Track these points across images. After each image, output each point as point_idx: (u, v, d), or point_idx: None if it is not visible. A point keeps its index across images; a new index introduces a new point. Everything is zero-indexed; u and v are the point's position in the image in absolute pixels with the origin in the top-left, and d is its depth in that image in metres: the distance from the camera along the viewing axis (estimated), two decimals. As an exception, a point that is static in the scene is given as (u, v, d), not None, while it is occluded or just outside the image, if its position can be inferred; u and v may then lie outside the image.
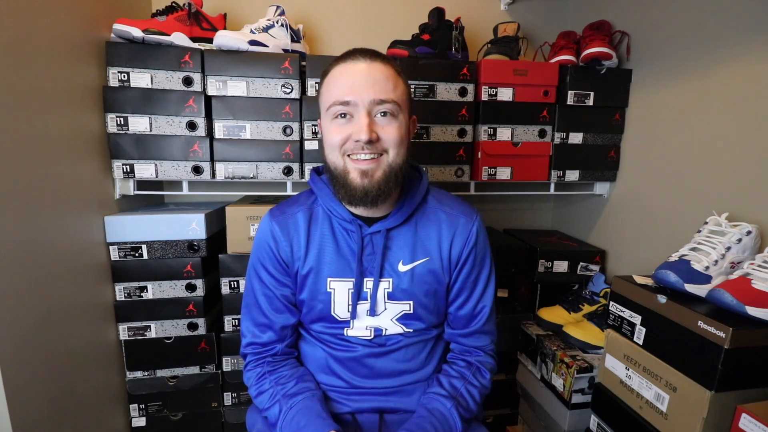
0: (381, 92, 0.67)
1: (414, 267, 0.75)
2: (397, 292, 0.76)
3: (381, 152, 0.68)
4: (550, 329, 1.25)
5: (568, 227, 1.63)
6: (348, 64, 0.68)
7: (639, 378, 0.85)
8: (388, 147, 0.68)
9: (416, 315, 0.77)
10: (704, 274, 0.82)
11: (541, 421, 1.22)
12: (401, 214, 0.75)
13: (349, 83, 0.67)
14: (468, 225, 0.77)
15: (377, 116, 0.68)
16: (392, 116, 0.68)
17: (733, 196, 0.99)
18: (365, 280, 0.75)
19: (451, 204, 0.79)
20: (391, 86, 0.68)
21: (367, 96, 0.66)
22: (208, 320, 1.21)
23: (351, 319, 0.76)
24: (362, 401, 0.78)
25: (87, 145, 1.04)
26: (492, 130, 1.26)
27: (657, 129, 1.20)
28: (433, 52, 1.24)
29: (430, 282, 0.76)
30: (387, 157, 0.69)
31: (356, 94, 0.66)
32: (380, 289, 0.75)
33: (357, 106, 0.67)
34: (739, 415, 0.67)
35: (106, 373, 1.12)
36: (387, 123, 0.68)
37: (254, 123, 1.16)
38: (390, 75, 0.69)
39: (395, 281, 0.75)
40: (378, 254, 0.74)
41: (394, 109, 0.68)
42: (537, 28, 1.55)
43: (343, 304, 0.76)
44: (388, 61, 0.70)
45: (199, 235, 1.15)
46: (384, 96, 0.67)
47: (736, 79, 0.98)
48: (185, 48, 1.10)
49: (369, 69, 0.67)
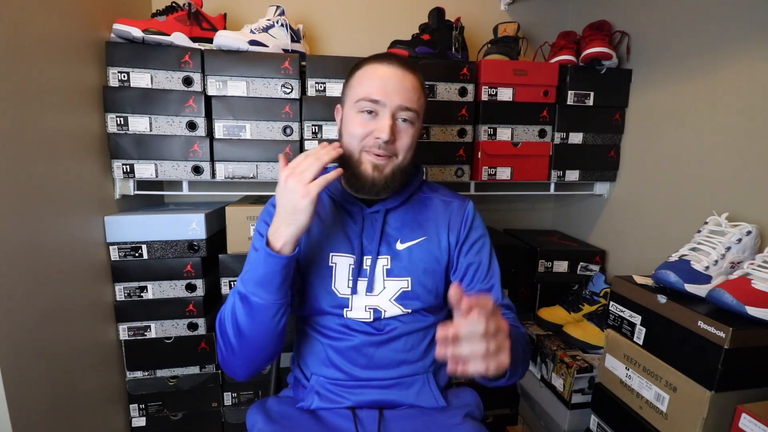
0: (408, 100, 0.73)
1: (411, 245, 0.80)
2: (396, 269, 0.79)
3: (393, 154, 0.75)
4: (550, 329, 1.25)
5: (568, 227, 1.63)
6: (384, 66, 0.74)
7: (639, 378, 0.85)
8: (399, 150, 0.75)
9: (414, 293, 0.79)
10: (704, 274, 0.82)
11: (541, 421, 1.22)
12: (399, 197, 0.81)
13: (381, 84, 0.72)
14: (462, 207, 0.84)
15: (398, 120, 0.74)
16: (411, 124, 0.75)
17: (733, 196, 0.99)
18: (365, 258, 0.79)
19: (444, 192, 0.87)
20: (416, 96, 0.75)
21: (396, 100, 0.72)
22: (208, 320, 1.21)
23: (351, 295, 0.78)
24: (361, 394, 0.78)
25: (87, 145, 1.04)
26: (492, 130, 1.26)
27: (657, 129, 1.20)
28: (433, 52, 1.24)
29: (427, 260, 0.80)
30: (396, 159, 0.75)
31: (386, 96, 0.72)
32: (378, 267, 0.79)
33: (384, 106, 0.72)
34: (739, 415, 0.67)
35: (106, 373, 1.12)
36: (405, 129, 0.74)
37: (254, 123, 1.16)
38: (417, 87, 0.75)
39: (393, 258, 0.79)
40: (377, 233, 0.79)
41: (414, 118, 0.75)
42: (537, 28, 1.55)
43: (343, 280, 0.78)
44: (418, 74, 0.76)
45: (199, 235, 1.15)
46: (409, 104, 0.73)
47: (737, 78, 0.98)
48: (185, 48, 1.10)
49: (402, 76, 0.73)
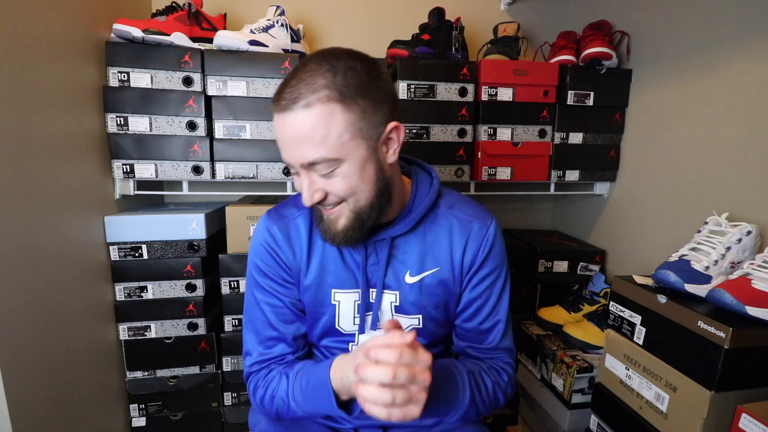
0: (308, 151, 0.57)
1: (423, 278, 0.70)
2: (406, 305, 0.71)
3: (338, 202, 0.62)
4: (550, 329, 1.25)
5: (568, 227, 1.63)
6: (277, 116, 0.58)
7: (639, 378, 0.85)
8: (343, 196, 0.61)
9: (425, 330, 0.72)
10: (704, 274, 0.82)
11: (541, 421, 1.22)
12: (408, 221, 0.68)
13: (281, 144, 0.60)
14: (482, 230, 0.71)
15: (314, 176, 0.60)
16: (330, 172, 0.59)
17: (733, 196, 0.99)
18: (371, 291, 0.70)
19: (464, 208, 0.72)
20: (318, 138, 0.56)
21: (296, 159, 0.59)
22: (208, 320, 1.21)
23: (358, 333, 0.72)
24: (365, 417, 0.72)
25: (87, 145, 1.03)
26: (492, 130, 1.26)
27: (657, 129, 1.20)
28: (433, 52, 1.24)
29: (440, 294, 0.71)
30: (347, 204, 0.62)
31: (289, 157, 0.60)
32: (385, 302, 0.71)
33: (294, 167, 0.61)
34: (739, 415, 0.67)
35: (106, 373, 1.12)
36: (329, 179, 0.60)
37: (254, 123, 1.16)
38: (317, 122, 0.56)
39: (402, 293, 0.70)
40: (382, 264, 0.69)
41: (329, 166, 0.58)
42: (537, 28, 1.55)
43: (348, 317, 0.71)
44: (314, 100, 0.55)
45: (199, 235, 1.15)
46: (312, 156, 0.57)
47: (736, 78, 0.98)
48: (185, 48, 1.10)
49: (293, 124, 0.56)
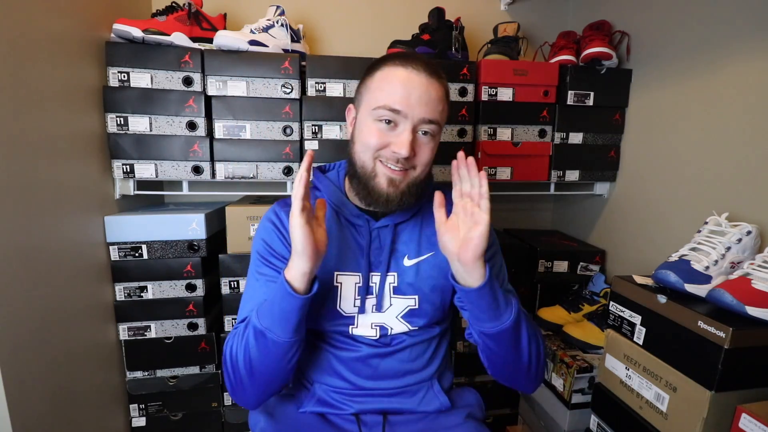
0: (431, 112, 0.67)
1: (419, 261, 0.76)
2: (403, 286, 0.75)
3: (411, 167, 0.70)
4: (550, 329, 1.25)
5: (568, 227, 1.63)
6: (408, 71, 0.66)
7: (639, 378, 0.85)
8: (417, 164, 0.69)
9: (421, 311, 0.76)
10: (704, 274, 0.82)
11: (541, 421, 1.22)
12: (410, 210, 0.76)
13: (404, 92, 0.65)
14: None
15: (419, 134, 0.68)
16: (432, 137, 0.69)
17: (733, 196, 0.99)
18: (371, 275, 0.75)
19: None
20: (441, 107, 0.68)
21: (419, 113, 0.66)
22: (208, 320, 1.21)
23: (357, 314, 0.75)
24: (365, 402, 0.77)
25: (87, 145, 1.04)
26: (492, 130, 1.26)
27: (657, 129, 1.20)
28: (433, 52, 1.24)
29: (435, 276, 0.76)
30: (414, 172, 0.70)
31: (409, 107, 0.65)
32: (386, 284, 0.75)
33: (406, 118, 0.66)
34: (739, 415, 0.67)
35: (106, 373, 1.12)
36: (425, 143, 0.69)
37: (254, 123, 1.16)
38: (442, 96, 0.69)
39: (400, 275, 0.75)
40: (386, 248, 0.74)
41: (436, 131, 0.69)
42: (537, 28, 1.55)
43: (349, 299, 0.75)
44: (444, 81, 0.70)
45: (199, 235, 1.15)
46: (433, 116, 0.67)
47: (737, 78, 0.98)
48: (185, 48, 1.10)
49: (428, 85, 0.66)
